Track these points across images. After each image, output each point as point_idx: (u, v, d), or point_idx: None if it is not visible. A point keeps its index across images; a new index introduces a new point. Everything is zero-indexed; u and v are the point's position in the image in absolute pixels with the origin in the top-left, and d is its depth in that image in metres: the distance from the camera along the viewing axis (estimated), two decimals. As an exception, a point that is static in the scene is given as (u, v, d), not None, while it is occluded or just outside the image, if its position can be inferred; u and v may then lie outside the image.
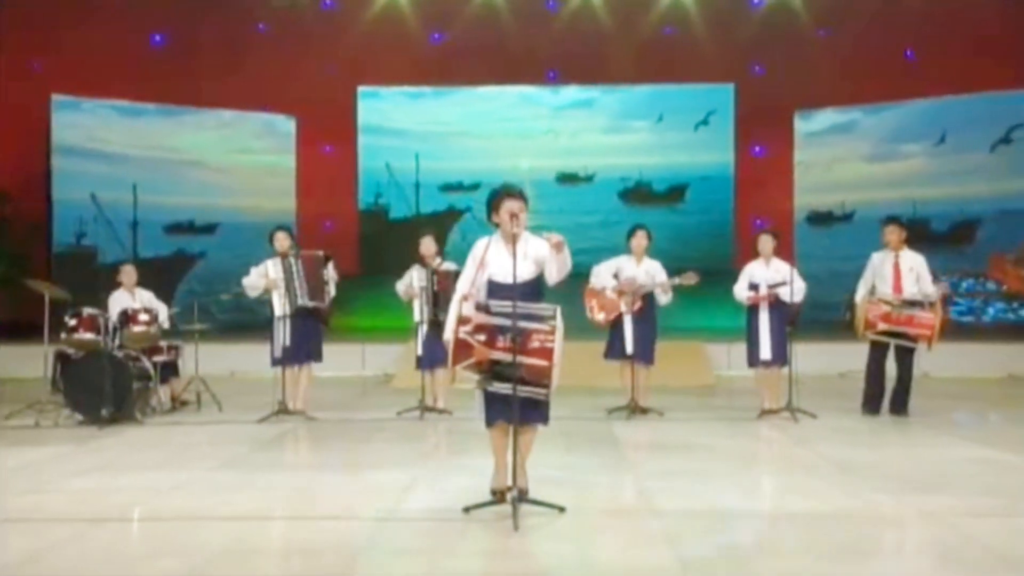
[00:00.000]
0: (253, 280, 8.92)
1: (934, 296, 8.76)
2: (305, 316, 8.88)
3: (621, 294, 8.86)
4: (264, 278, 8.86)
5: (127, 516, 5.33)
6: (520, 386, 5.07)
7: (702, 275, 8.96)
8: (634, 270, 8.94)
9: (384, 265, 16.01)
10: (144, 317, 9.09)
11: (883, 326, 8.77)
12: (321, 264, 8.98)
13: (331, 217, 16.97)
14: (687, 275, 8.78)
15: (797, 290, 8.70)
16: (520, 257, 5.25)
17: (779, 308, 8.88)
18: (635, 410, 8.90)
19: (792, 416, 8.54)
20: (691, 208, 17.58)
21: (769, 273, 8.91)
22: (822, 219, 16.43)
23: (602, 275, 8.97)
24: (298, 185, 17.26)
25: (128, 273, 9.73)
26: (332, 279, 9.04)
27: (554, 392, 5.20)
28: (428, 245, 9.17)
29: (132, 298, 9.53)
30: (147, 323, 9.09)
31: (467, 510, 5.21)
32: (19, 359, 11.76)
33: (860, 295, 9.17)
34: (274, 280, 8.81)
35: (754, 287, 8.95)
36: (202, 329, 9.89)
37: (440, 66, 17.23)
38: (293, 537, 4.86)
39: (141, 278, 9.84)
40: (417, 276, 9.06)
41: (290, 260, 8.82)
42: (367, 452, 7.47)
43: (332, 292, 9.05)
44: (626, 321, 8.84)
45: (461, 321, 5.18)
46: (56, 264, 15.22)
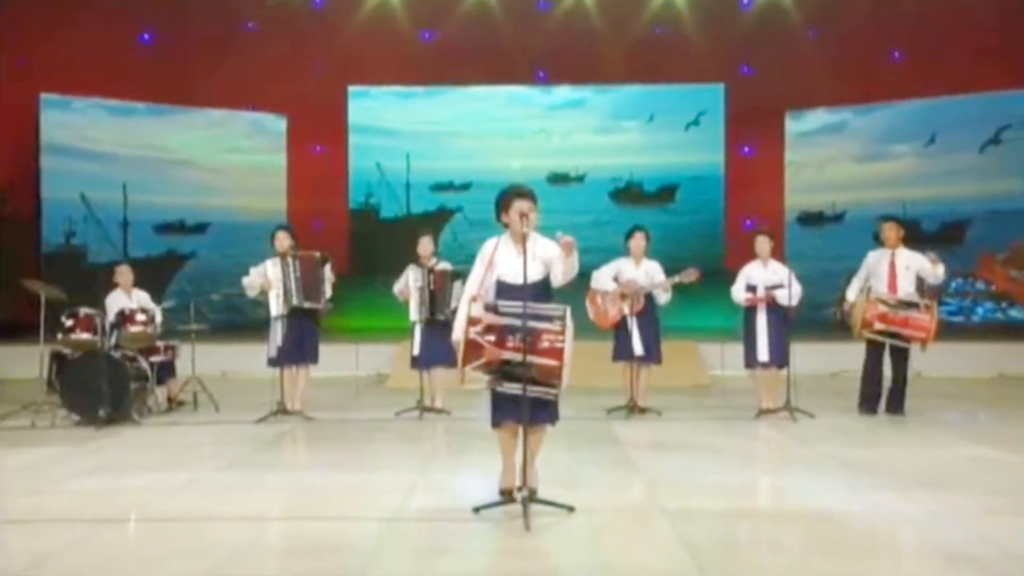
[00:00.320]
0: (252, 280, 8.89)
1: (942, 276, 8.79)
2: (301, 317, 8.86)
3: (623, 296, 8.87)
4: (262, 278, 8.83)
5: (136, 517, 5.30)
6: (530, 386, 5.07)
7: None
8: (634, 272, 8.95)
9: (375, 265, 16.06)
10: (141, 317, 9.05)
11: (880, 326, 8.79)
12: (319, 265, 8.96)
13: (321, 217, 16.87)
14: (688, 272, 8.79)
15: (794, 294, 8.73)
16: (529, 257, 5.24)
17: (776, 309, 8.91)
18: (634, 410, 8.92)
19: (791, 416, 8.57)
20: (682, 208, 17.61)
21: (767, 275, 8.94)
22: (813, 219, 16.50)
23: (602, 278, 8.97)
24: (289, 185, 17.20)
25: (124, 273, 9.67)
26: (329, 280, 9.02)
27: (563, 392, 5.21)
28: (426, 245, 9.16)
29: (129, 298, 9.48)
30: (144, 323, 9.05)
31: (477, 510, 5.20)
32: (12, 359, 11.67)
33: (853, 292, 9.21)
34: (271, 280, 8.78)
35: (752, 288, 8.98)
36: (198, 329, 9.84)
37: (431, 66, 17.21)
38: (305, 537, 4.84)
39: (104, 278, 9.71)
40: (413, 276, 9.03)
41: (288, 260, 8.79)
42: (369, 452, 7.46)
43: (329, 293, 9.03)
44: (630, 323, 8.86)
45: (471, 322, 5.18)
46: (45, 264, 15.10)
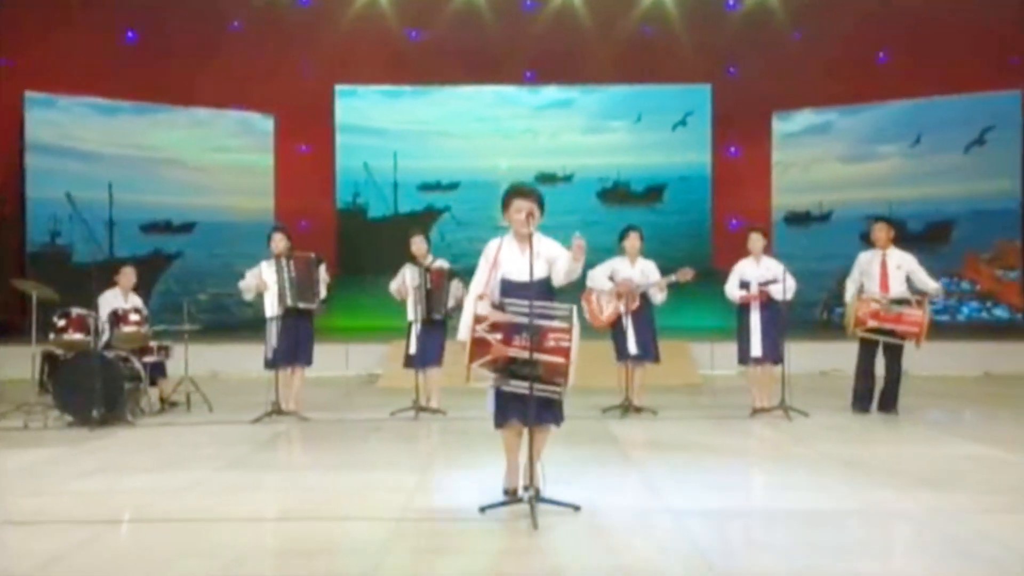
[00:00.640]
0: (248, 282, 8.87)
1: (939, 290, 8.87)
2: (297, 317, 8.84)
3: (619, 296, 8.90)
4: (257, 279, 8.80)
5: (142, 517, 5.27)
6: (536, 384, 5.08)
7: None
8: (629, 271, 8.98)
9: (362, 265, 16.07)
10: (135, 317, 9.02)
11: (873, 323, 8.84)
12: (313, 265, 8.94)
13: (309, 216, 16.83)
14: (683, 271, 8.82)
15: (788, 288, 8.78)
16: (533, 255, 5.23)
17: (770, 306, 8.96)
18: (629, 409, 8.95)
19: (785, 414, 8.62)
20: (669, 208, 17.69)
21: (760, 271, 8.99)
22: (800, 219, 16.62)
23: (598, 278, 8.99)
24: (276, 184, 17.14)
25: (127, 275, 9.64)
26: (324, 281, 9.00)
27: (568, 391, 5.23)
28: (419, 244, 9.15)
29: (124, 299, 9.43)
30: (138, 323, 9.01)
31: (483, 510, 5.20)
32: (2, 360, 11.55)
33: (849, 294, 9.26)
34: (266, 281, 8.75)
35: (745, 285, 9.03)
36: (191, 330, 9.79)
37: (419, 65, 17.21)
38: (314, 537, 4.83)
39: (111, 279, 9.69)
40: (410, 275, 9.02)
41: (283, 261, 8.76)
42: (368, 452, 7.44)
43: (323, 294, 9.01)
44: (626, 322, 8.88)
45: (477, 319, 5.19)
46: (30, 263, 15.01)
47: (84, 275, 13.10)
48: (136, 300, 9.60)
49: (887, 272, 9.07)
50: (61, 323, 8.73)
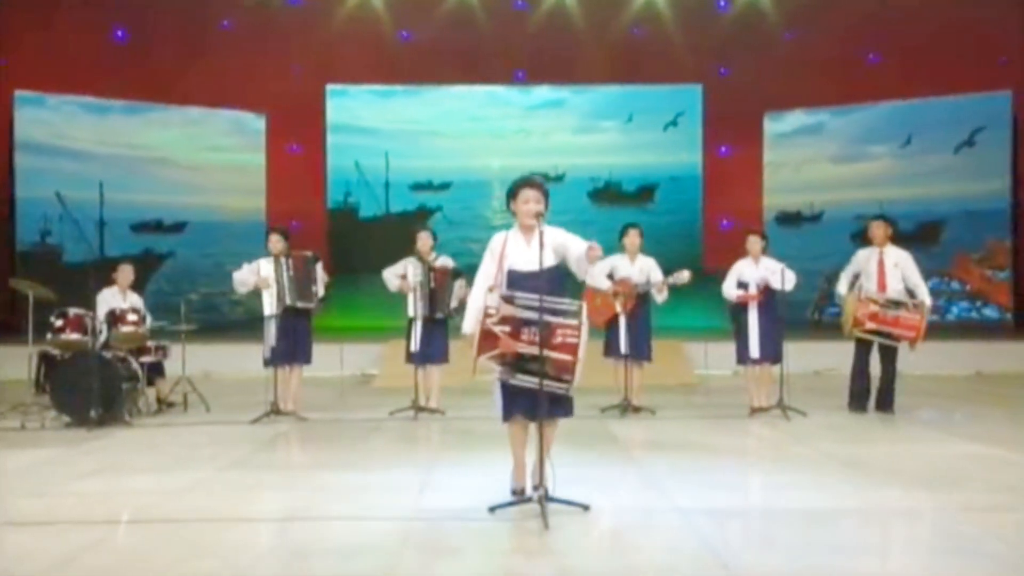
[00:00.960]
0: (244, 275, 8.80)
1: (927, 301, 8.91)
2: (295, 316, 8.81)
3: (616, 294, 8.91)
4: (255, 275, 8.76)
5: (149, 518, 5.25)
6: (544, 380, 5.09)
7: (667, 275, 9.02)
8: (628, 269, 9.00)
9: (354, 264, 16.04)
10: (133, 317, 8.98)
11: (871, 325, 8.89)
12: (311, 264, 8.91)
13: (300, 216, 16.77)
14: (679, 274, 8.84)
15: (788, 279, 8.78)
16: (539, 246, 5.23)
17: (768, 307, 9.00)
18: (628, 408, 8.97)
19: (784, 414, 8.66)
20: (660, 208, 17.73)
21: (759, 272, 9.01)
22: (791, 219, 16.69)
23: (597, 275, 8.98)
24: (268, 183, 17.10)
25: (125, 272, 9.58)
26: (322, 280, 8.98)
27: (575, 387, 5.24)
28: (425, 240, 9.14)
29: (123, 298, 9.39)
30: (135, 323, 8.97)
31: (493, 509, 5.21)
32: (-3, 360, 11.51)
33: (843, 286, 9.31)
34: (265, 279, 8.72)
35: (743, 286, 9.06)
36: (188, 330, 9.75)
37: (410, 65, 17.22)
38: (327, 537, 4.82)
39: (109, 277, 9.65)
40: (412, 271, 8.98)
41: (282, 259, 8.74)
42: (371, 452, 7.42)
43: (321, 293, 8.99)
44: (621, 321, 8.90)
45: (486, 314, 5.18)
46: (20, 263, 14.94)
47: (74, 275, 13.07)
48: (135, 299, 9.56)
49: (884, 270, 9.11)
50: (59, 323, 8.69)
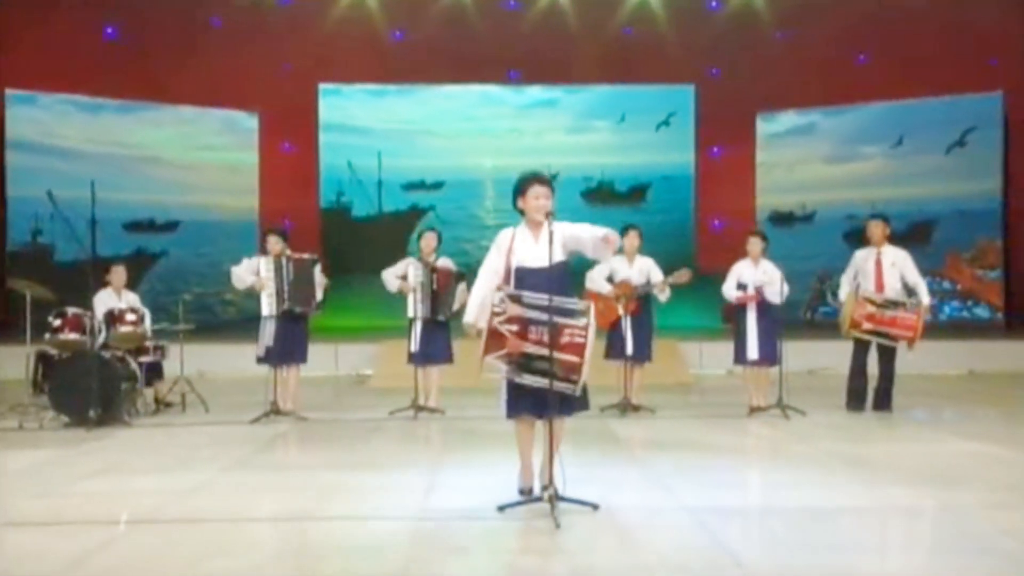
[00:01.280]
0: (242, 273, 8.76)
1: (926, 301, 8.94)
2: (292, 318, 8.79)
3: (618, 297, 8.92)
4: (254, 275, 8.72)
5: (161, 518, 5.22)
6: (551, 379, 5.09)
7: (667, 274, 9.04)
8: (628, 270, 9.01)
9: (347, 264, 15.98)
10: (131, 317, 8.94)
11: (868, 326, 8.93)
12: (310, 268, 8.88)
13: (293, 215, 16.71)
14: (679, 273, 8.86)
15: (783, 293, 8.84)
16: (547, 242, 5.24)
17: (766, 308, 9.03)
18: (627, 408, 8.99)
19: (783, 413, 8.69)
20: (653, 208, 17.74)
21: (757, 274, 9.05)
22: (783, 219, 16.74)
23: (597, 279, 8.99)
24: (261, 183, 17.04)
25: (119, 273, 9.54)
26: (320, 284, 8.94)
27: (581, 387, 5.24)
28: (430, 240, 9.14)
29: (119, 298, 9.35)
30: (134, 323, 8.94)
31: (502, 509, 5.21)
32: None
33: (844, 292, 9.35)
34: (264, 280, 8.70)
35: (742, 287, 9.09)
36: (187, 329, 9.73)
37: (403, 64, 17.17)
38: (337, 537, 4.81)
39: (101, 277, 9.60)
40: (413, 271, 8.97)
41: (282, 261, 8.71)
42: (374, 452, 7.41)
43: (319, 297, 8.96)
44: (624, 322, 8.91)
45: (494, 313, 5.17)
46: (11, 262, 14.84)
47: (65, 274, 13.03)
48: (131, 298, 9.52)
49: (882, 270, 9.15)
50: (57, 323, 8.65)
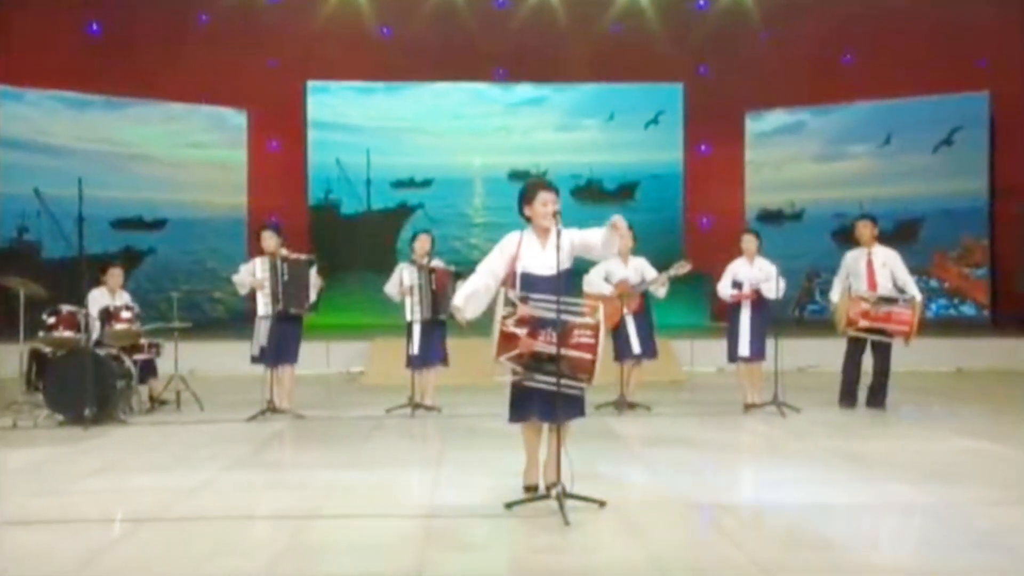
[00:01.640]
0: (242, 278, 8.78)
1: (918, 297, 9.00)
2: (287, 318, 8.76)
3: (619, 297, 8.94)
4: (252, 277, 8.72)
5: (166, 516, 5.21)
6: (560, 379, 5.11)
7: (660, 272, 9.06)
8: (623, 271, 9.03)
9: (336, 261, 15.94)
10: (126, 315, 8.91)
11: (864, 323, 8.98)
12: (306, 268, 8.85)
13: (281, 212, 16.60)
14: (680, 264, 8.88)
15: (780, 288, 8.90)
16: (554, 248, 5.25)
17: (761, 306, 9.09)
18: (624, 405, 9.02)
19: (779, 410, 8.73)
20: (641, 206, 17.74)
21: (753, 272, 9.10)
22: (772, 217, 16.82)
23: (595, 281, 8.97)
24: (249, 180, 16.97)
25: (115, 276, 9.51)
26: (315, 285, 8.91)
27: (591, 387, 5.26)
28: (423, 242, 9.12)
29: (112, 296, 9.31)
30: (129, 321, 8.90)
31: (509, 506, 5.23)
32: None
33: (836, 293, 9.41)
34: (260, 280, 8.68)
35: (738, 285, 9.14)
36: (182, 327, 9.68)
37: (392, 61, 17.12)
38: (347, 535, 4.82)
39: (88, 275, 9.44)
40: (407, 275, 8.97)
41: (277, 261, 8.69)
42: (374, 450, 7.41)
43: (313, 298, 8.93)
44: (628, 321, 8.94)
45: (505, 315, 5.18)
46: (-3, 259, 14.72)
47: (52, 271, 12.93)
48: (126, 297, 9.48)
49: (874, 270, 9.22)
50: (51, 320, 8.59)
